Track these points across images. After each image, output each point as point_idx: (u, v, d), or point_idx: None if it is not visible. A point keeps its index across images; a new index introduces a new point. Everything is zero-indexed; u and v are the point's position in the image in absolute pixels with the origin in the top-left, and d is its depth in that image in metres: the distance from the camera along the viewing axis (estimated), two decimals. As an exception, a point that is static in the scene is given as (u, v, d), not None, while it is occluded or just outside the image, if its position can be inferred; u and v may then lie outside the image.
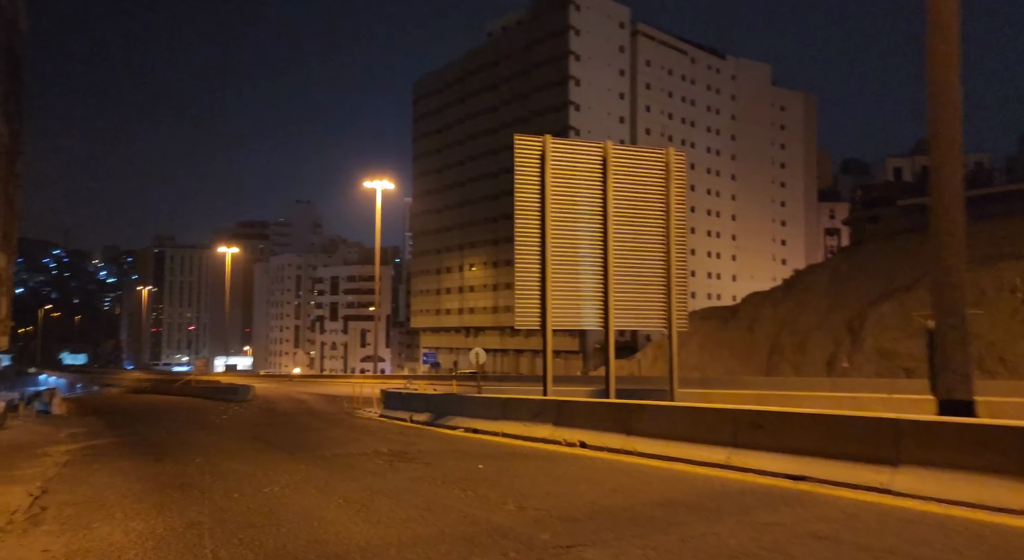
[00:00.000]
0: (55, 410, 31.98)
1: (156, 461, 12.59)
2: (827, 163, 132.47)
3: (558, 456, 11.27)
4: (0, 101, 45.16)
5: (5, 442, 16.25)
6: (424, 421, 18.52)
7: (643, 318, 16.49)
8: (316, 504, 7.90)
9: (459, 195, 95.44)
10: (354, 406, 27.71)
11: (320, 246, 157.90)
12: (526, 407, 14.11)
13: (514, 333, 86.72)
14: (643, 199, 16.40)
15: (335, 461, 11.80)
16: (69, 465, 12.33)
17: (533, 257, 15.66)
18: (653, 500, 7.37)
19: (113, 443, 16.43)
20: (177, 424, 22.47)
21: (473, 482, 9.00)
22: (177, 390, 52.68)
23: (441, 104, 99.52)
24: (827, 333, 57.85)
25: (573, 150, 16.03)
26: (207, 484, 9.63)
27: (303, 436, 16.81)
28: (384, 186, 61.84)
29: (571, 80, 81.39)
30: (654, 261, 16.49)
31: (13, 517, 7.84)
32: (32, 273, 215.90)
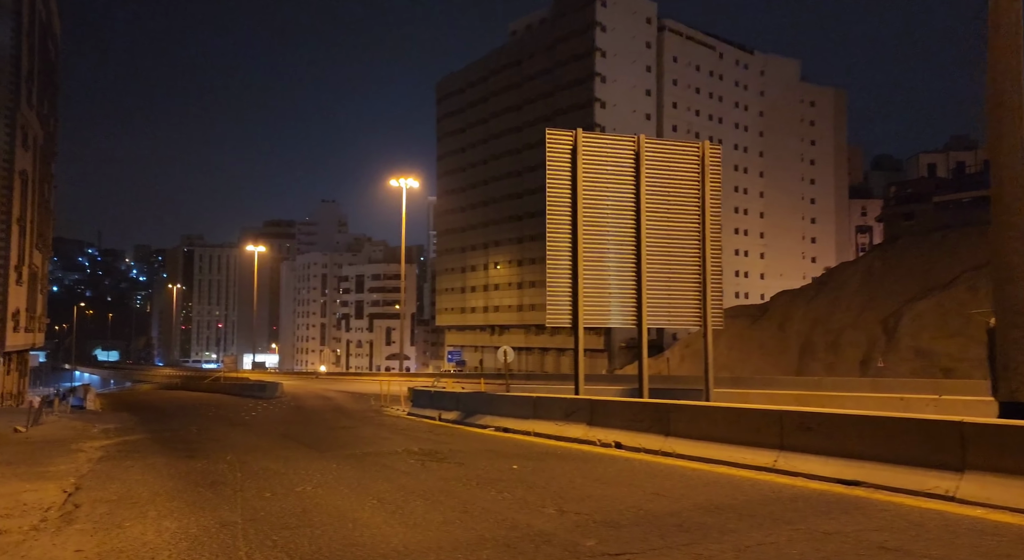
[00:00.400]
0: (89, 406, 32.46)
1: (187, 458, 12.55)
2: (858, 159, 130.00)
3: (593, 457, 10.97)
4: (35, 103, 46.01)
5: (40, 438, 16.40)
6: (453, 420, 18.33)
7: (677, 316, 16.11)
8: (350, 505, 7.71)
9: (483, 193, 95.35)
10: (381, 404, 27.65)
11: (345, 245, 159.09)
12: (558, 406, 13.83)
13: (539, 331, 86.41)
14: (677, 193, 16.01)
15: (366, 460, 11.63)
16: (102, 461, 12.34)
17: (564, 253, 15.36)
18: (700, 505, 7.04)
19: (145, 439, 16.49)
20: (207, 421, 22.59)
21: (509, 483, 8.74)
22: (206, 387, 53.34)
23: (465, 103, 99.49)
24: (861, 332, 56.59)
25: (605, 144, 15.69)
26: (239, 482, 9.51)
27: (332, 434, 16.71)
28: (409, 184, 61.96)
29: (596, 77, 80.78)
30: (688, 257, 16.09)
31: (47, 515, 7.77)
32: (67, 272, 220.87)
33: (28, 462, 12.13)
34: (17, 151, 41.79)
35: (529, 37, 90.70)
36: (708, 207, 15.99)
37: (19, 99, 41.73)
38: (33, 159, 45.64)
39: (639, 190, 15.66)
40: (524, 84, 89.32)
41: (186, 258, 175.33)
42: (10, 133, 41.24)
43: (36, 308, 49.15)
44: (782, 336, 64.00)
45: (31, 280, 46.65)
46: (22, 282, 43.98)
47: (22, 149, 42.71)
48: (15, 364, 48.25)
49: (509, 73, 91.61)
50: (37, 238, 48.11)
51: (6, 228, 41.17)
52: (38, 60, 46.37)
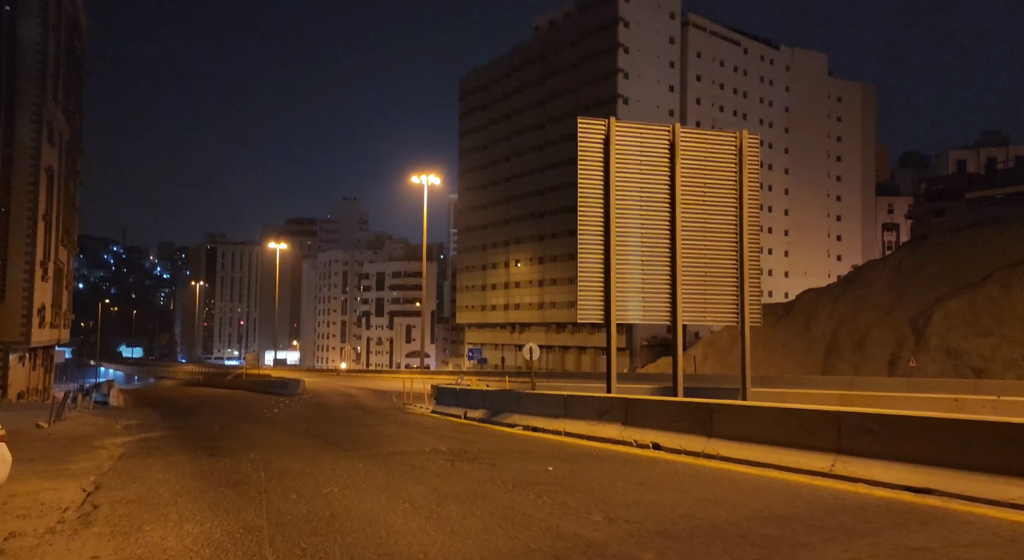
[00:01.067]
0: (112, 402, 32.52)
1: (210, 456, 12.22)
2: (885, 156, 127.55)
3: (631, 459, 10.44)
4: (61, 99, 46.34)
5: (62, 433, 16.22)
6: (479, 418, 17.87)
7: (713, 312, 15.50)
8: (381, 509, 7.26)
9: (505, 191, 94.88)
10: (404, 401, 27.30)
11: (366, 242, 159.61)
12: (591, 405, 13.30)
13: (560, 329, 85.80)
14: (713, 185, 15.39)
15: (393, 460, 11.21)
16: (123, 459, 12.05)
17: (596, 246, 14.82)
18: (760, 513, 6.49)
19: (167, 436, 16.24)
20: (230, 417, 22.37)
21: (546, 486, 8.25)
22: (229, 383, 53.51)
23: (487, 100, 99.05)
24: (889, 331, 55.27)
25: (639, 133, 15.12)
26: (263, 483, 9.12)
27: (357, 432, 16.34)
28: (431, 181, 61.68)
29: (620, 73, 79.94)
30: (725, 251, 15.46)
31: (64, 516, 7.42)
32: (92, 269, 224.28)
33: (49, 459, 11.87)
34: (43, 147, 42.11)
35: (552, 33, 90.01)
36: (745, 199, 15.35)
37: (45, 95, 42.03)
38: (59, 155, 45.99)
39: (674, 181, 15.07)
40: (547, 80, 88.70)
41: (209, 256, 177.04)
42: (36, 129, 41.55)
43: (61, 304, 49.58)
44: (807, 335, 62.79)
45: (56, 276, 47.05)
46: (47, 278, 44.34)
47: (48, 145, 43.02)
48: (40, 360, 48.71)
49: (532, 69, 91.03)
50: (63, 234, 48.50)
51: (32, 224, 41.50)
52: (64, 56, 46.69)
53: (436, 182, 62.93)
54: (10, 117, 40.05)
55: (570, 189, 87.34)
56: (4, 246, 40.21)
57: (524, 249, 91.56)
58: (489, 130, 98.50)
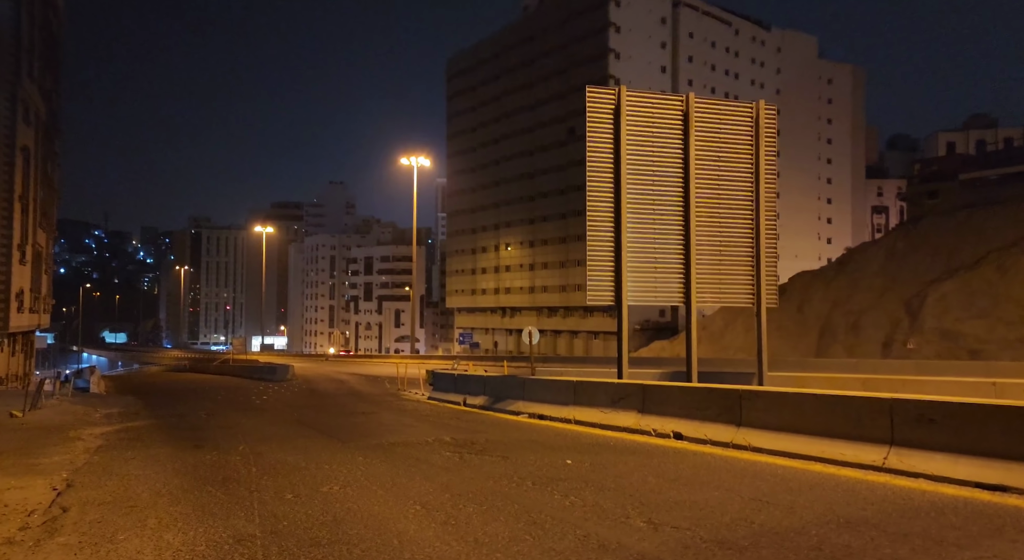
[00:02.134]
0: (94, 388, 31.42)
1: (195, 448, 11.33)
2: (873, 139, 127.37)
3: (655, 450, 9.66)
4: (37, 76, 44.61)
5: (37, 423, 15.23)
6: (480, 405, 17.07)
7: (728, 293, 14.71)
8: (389, 511, 6.43)
9: (494, 174, 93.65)
10: (398, 387, 26.46)
11: (353, 227, 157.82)
12: (603, 391, 12.51)
13: (551, 313, 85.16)
14: (729, 159, 14.54)
15: (395, 452, 10.36)
16: (101, 451, 11.13)
17: (606, 225, 13.96)
18: (823, 517, 5.72)
19: (150, 426, 15.31)
20: (216, 405, 21.44)
21: (571, 484, 7.44)
22: (215, 369, 52.39)
23: (476, 82, 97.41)
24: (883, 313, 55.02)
25: (651, 103, 14.21)
26: (254, 479, 8.26)
27: (352, 420, 15.49)
28: (420, 163, 60.43)
29: (611, 53, 78.67)
30: (740, 229, 14.66)
31: (28, 521, 6.52)
32: (74, 254, 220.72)
33: (19, 452, 10.93)
34: (19, 126, 40.50)
35: (542, 12, 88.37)
36: (762, 174, 14.52)
37: (20, 71, 40.37)
38: (35, 135, 44.32)
39: (688, 155, 14.20)
40: (537, 61, 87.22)
41: (193, 240, 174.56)
42: (11, 107, 39.92)
43: (41, 289, 48.11)
44: (800, 318, 62.52)
45: (35, 260, 45.55)
46: (26, 261, 42.87)
47: (24, 124, 41.39)
48: (20, 345, 47.30)
49: (521, 50, 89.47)
50: (41, 217, 46.91)
51: (8, 206, 39.98)
52: (39, 32, 44.89)
53: (426, 164, 61.72)
54: (-18, 94, 38.40)
55: (559, 172, 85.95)
56: (-21, 229, 38.71)
57: (514, 233, 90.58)
58: (477, 112, 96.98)
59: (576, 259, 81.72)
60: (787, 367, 23.78)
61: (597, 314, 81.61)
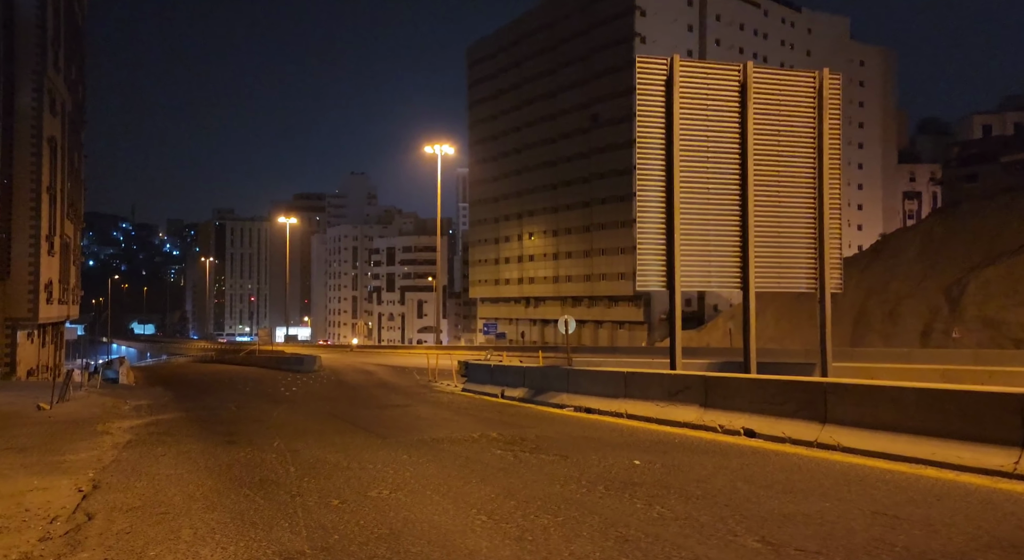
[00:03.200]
0: (123, 379, 31.23)
1: (228, 444, 10.68)
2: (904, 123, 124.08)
3: (728, 449, 8.78)
4: (62, 67, 44.48)
5: (65, 416, 14.74)
6: (520, 398, 16.28)
7: (788, 277, 13.73)
8: (452, 522, 5.65)
9: (517, 162, 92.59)
10: (429, 379, 25.82)
11: (375, 217, 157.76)
12: (658, 384, 11.64)
13: (576, 303, 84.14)
14: (789, 132, 13.52)
15: (441, 449, 9.61)
16: (129, 447, 10.53)
17: (657, 205, 13.04)
18: (978, 539, 4.81)
19: (180, 419, 14.75)
20: (245, 397, 20.95)
21: (649, 489, 6.60)
22: (242, 360, 52.33)
23: (496, 69, 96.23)
24: (921, 301, 53.27)
25: (706, 73, 13.21)
26: (294, 481, 7.54)
27: (387, 414, 14.80)
28: (444, 150, 59.63)
29: (636, 37, 77.00)
30: (802, 208, 13.64)
31: (49, 530, 5.85)
32: (103, 246, 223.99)
33: (44, 448, 10.35)
34: (45, 116, 40.37)
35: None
36: (826, 148, 13.47)
37: (45, 61, 40.18)
38: (62, 126, 44.26)
39: (745, 128, 13.20)
40: (559, 46, 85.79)
41: (218, 232, 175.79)
42: (37, 97, 39.78)
43: (69, 280, 48.25)
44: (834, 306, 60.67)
45: (63, 251, 45.62)
46: (54, 253, 42.91)
47: (50, 114, 41.28)
48: (50, 336, 47.52)
49: (543, 35, 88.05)
50: (68, 208, 46.95)
51: (36, 196, 39.95)
52: (64, 23, 44.73)
53: (450, 151, 60.90)
54: (9, 85, 38.28)
55: (583, 159, 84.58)
56: (7, 220, 38.70)
57: (538, 221, 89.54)
58: (499, 100, 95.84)
59: (600, 248, 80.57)
60: (812, 357, 22.52)
61: (622, 303, 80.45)
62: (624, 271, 78.39)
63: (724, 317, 71.41)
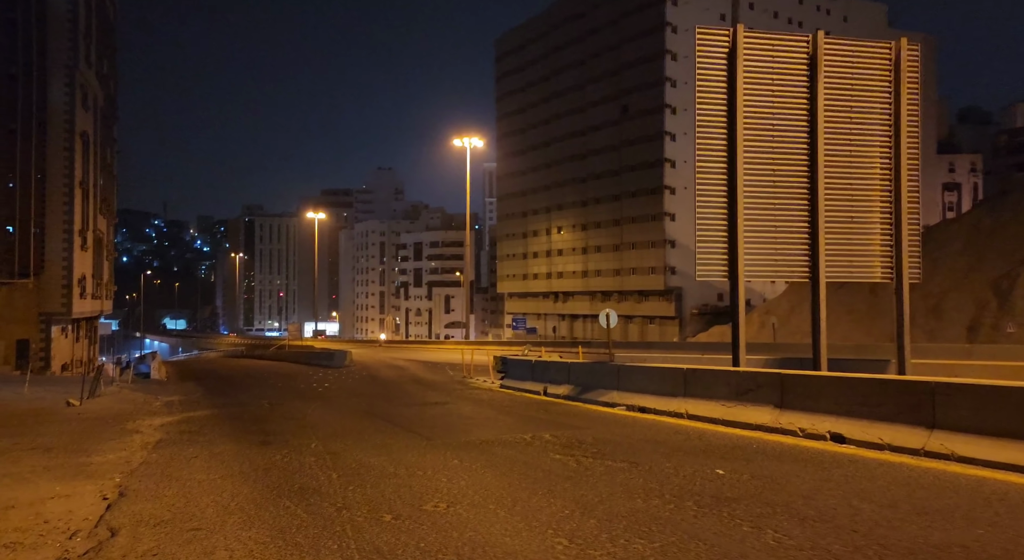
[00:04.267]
0: (154, 374, 31.03)
1: (262, 444, 9.99)
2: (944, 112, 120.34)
3: (821, 457, 7.81)
4: (94, 62, 44.56)
5: (94, 413, 14.25)
6: (564, 395, 15.40)
7: (860, 266, 12.64)
8: (526, 546, 4.81)
9: (545, 156, 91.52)
10: (464, 374, 25.08)
11: (402, 212, 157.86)
12: (723, 381, 10.68)
13: (605, 297, 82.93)
14: (863, 108, 12.42)
15: (493, 453, 8.78)
16: (160, 447, 9.89)
17: (718, 188, 12.04)
18: None
19: (211, 416, 14.16)
20: (278, 392, 20.39)
21: (749, 506, 5.69)
22: (271, 355, 52.23)
23: (524, 62, 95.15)
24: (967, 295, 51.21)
25: (771, 45, 12.16)
26: (337, 491, 6.77)
27: (427, 412, 14.03)
28: (473, 144, 58.89)
29: (667, 27, 75.41)
30: (875, 191, 12.53)
31: (68, 549, 5.14)
32: (136, 243, 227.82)
33: (70, 448, 9.75)
34: (77, 111, 40.43)
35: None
36: (904, 126, 12.35)
37: (77, 56, 40.22)
38: (94, 121, 44.37)
39: (815, 105, 12.13)
40: (588, 38, 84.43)
41: (247, 228, 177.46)
42: (69, 92, 39.84)
43: (103, 275, 48.50)
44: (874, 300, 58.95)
45: (96, 246, 45.81)
46: (87, 248, 43.06)
47: (82, 109, 41.34)
48: (84, 331, 47.84)
49: (572, 26, 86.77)
50: (101, 203, 47.16)
51: (69, 191, 40.06)
52: (96, 18, 44.81)
53: (479, 145, 60.12)
54: (42, 79, 38.38)
55: (612, 152, 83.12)
56: (41, 214, 38.88)
57: (566, 215, 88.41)
58: (527, 93, 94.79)
59: (631, 242, 79.27)
60: (865, 353, 21.34)
61: (653, 298, 79.08)
62: (655, 265, 77.04)
63: (758, 311, 69.66)
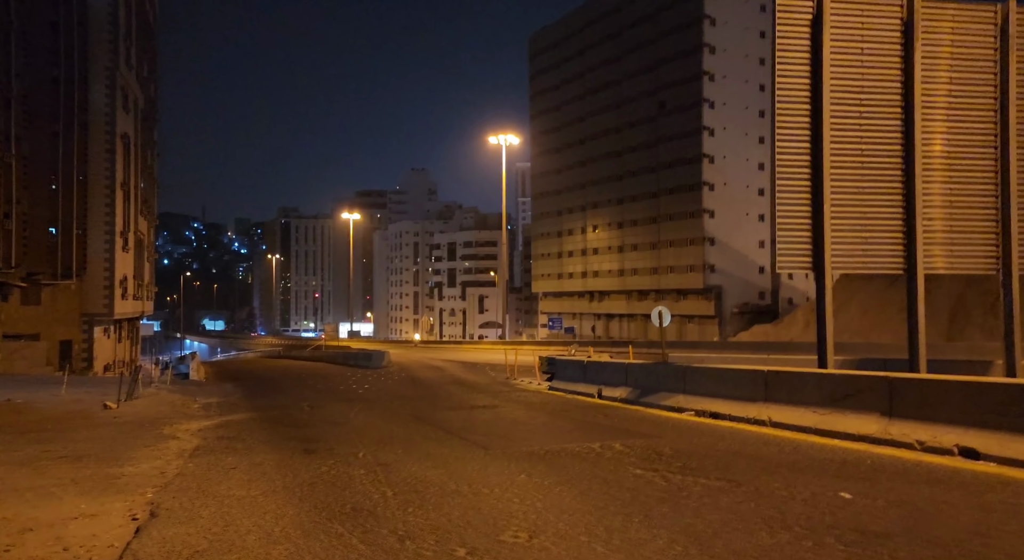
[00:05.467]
0: (193, 375, 30.79)
1: (306, 453, 9.15)
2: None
3: (960, 478, 6.62)
4: (134, 64, 44.81)
5: (131, 416, 13.64)
6: (622, 398, 14.32)
7: (962, 256, 11.33)
8: (647, 600, 3.79)
9: (580, 154, 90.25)
10: (507, 375, 24.14)
11: (436, 213, 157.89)
12: (815, 385, 9.50)
13: (642, 296, 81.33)
14: (964, 81, 11.10)
15: (562, 466, 7.77)
16: (197, 456, 9.12)
17: (800, 170, 10.85)
18: None
19: (251, 420, 13.43)
20: (317, 394, 19.69)
21: (920, 551, 4.59)
22: (308, 355, 52.04)
23: (559, 58, 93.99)
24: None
25: (861, 10, 10.92)
26: (395, 513, 5.83)
27: (477, 417, 13.10)
28: (509, 141, 58.05)
29: (705, 19, 73.53)
30: (978, 172, 11.21)
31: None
32: (176, 245, 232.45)
33: (102, 456, 9.03)
34: (118, 112, 40.59)
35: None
36: (1013, 98, 11.00)
37: (117, 58, 40.36)
38: (134, 123, 44.60)
39: (910, 77, 10.86)
40: (624, 33, 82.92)
41: (283, 230, 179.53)
42: (110, 93, 39.99)
43: (144, 276, 48.80)
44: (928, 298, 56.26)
45: (137, 247, 46.06)
46: (128, 248, 43.27)
47: (123, 111, 41.52)
48: (126, 332, 48.19)
49: (608, 22, 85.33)
50: (142, 205, 47.45)
51: (110, 193, 40.22)
52: (136, 20, 45.05)
53: (515, 142, 59.28)
54: (83, 81, 38.52)
55: (649, 149, 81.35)
56: (83, 216, 39.04)
57: (602, 214, 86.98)
58: (562, 90, 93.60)
59: (668, 239, 77.59)
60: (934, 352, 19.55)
61: (691, 297, 77.27)
62: (693, 263, 75.26)
63: (804, 310, 67.42)
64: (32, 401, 15.78)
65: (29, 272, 34.36)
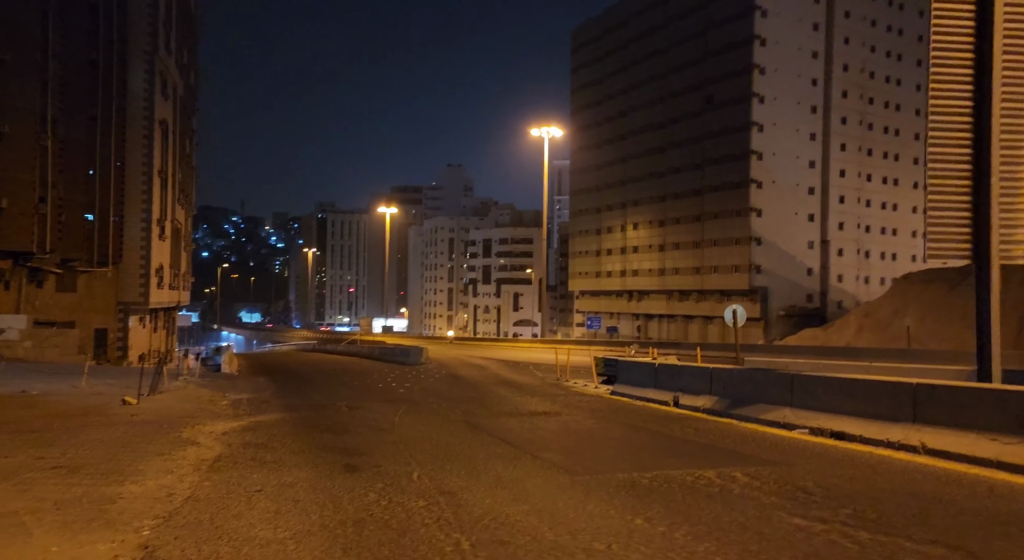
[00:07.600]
0: (225, 368, 29.53)
1: (347, 471, 7.42)
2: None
3: None
4: (173, 50, 44.00)
5: (151, 415, 12.10)
6: (706, 408, 12.32)
7: None
8: None
9: (621, 149, 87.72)
10: (556, 376, 22.26)
11: (471, 209, 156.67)
12: (990, 404, 7.43)
13: (683, 297, 78.58)
14: None
15: (683, 503, 5.86)
16: (216, 470, 7.45)
17: (958, 144, 8.76)
18: None
19: (282, 422, 11.79)
20: (355, 392, 18.08)
21: None
22: (343, 350, 50.88)
23: (602, 52, 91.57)
24: None
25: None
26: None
27: (540, 425, 11.23)
28: (552, 133, 56.08)
29: (756, 11, 70.51)
30: None
31: None
32: (215, 238, 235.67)
33: (102, 468, 7.39)
34: (156, 99, 39.75)
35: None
36: None
37: (156, 42, 39.49)
38: (173, 110, 43.81)
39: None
40: (670, 25, 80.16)
41: (320, 224, 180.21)
42: (149, 79, 39.14)
43: (180, 265, 48.10)
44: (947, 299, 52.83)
45: (174, 236, 45.31)
46: (165, 237, 42.48)
47: (161, 97, 40.67)
48: (162, 322, 47.55)
49: (653, 14, 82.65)
50: (179, 194, 46.71)
51: (148, 179, 39.40)
52: (176, 5, 44.27)
53: (557, 134, 57.26)
54: (122, 65, 37.70)
55: (694, 145, 78.45)
56: (120, 203, 38.24)
57: (642, 211, 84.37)
58: (603, 85, 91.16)
59: (712, 238, 74.76)
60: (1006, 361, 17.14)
61: (735, 298, 74.26)
62: (738, 263, 72.30)
63: (855, 314, 64.04)
64: (48, 393, 14.43)
65: (64, 258, 33.59)
